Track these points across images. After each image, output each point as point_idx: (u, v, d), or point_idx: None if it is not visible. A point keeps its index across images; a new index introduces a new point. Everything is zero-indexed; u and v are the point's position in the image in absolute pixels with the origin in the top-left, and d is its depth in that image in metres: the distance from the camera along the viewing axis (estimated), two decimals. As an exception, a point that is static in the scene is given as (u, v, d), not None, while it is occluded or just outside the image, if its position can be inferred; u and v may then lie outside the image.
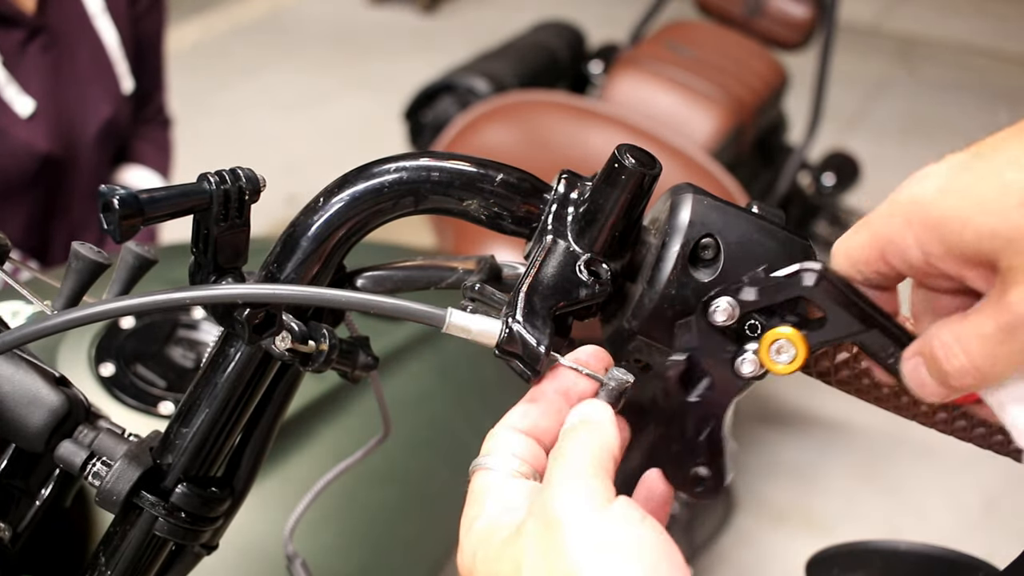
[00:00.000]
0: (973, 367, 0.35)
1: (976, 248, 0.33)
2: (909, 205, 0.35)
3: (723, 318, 0.41)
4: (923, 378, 0.37)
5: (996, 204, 0.32)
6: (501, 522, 0.37)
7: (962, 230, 0.33)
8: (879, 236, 0.37)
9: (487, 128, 1.78)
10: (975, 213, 0.33)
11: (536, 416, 0.41)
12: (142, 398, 0.90)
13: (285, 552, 0.64)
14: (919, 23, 5.13)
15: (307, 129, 3.55)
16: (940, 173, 0.34)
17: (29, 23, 1.41)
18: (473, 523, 0.38)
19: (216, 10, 4.57)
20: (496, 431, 0.41)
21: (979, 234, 0.33)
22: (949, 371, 0.36)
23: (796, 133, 2.41)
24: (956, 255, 0.34)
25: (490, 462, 0.40)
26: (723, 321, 0.41)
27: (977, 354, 0.34)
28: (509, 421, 0.41)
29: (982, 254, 0.33)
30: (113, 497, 0.48)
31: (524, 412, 0.41)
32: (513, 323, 0.41)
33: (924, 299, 0.40)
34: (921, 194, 0.35)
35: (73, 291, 0.50)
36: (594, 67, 2.28)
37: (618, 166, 0.42)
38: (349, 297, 0.42)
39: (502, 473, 0.39)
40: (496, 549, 0.36)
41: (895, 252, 0.36)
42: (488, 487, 0.39)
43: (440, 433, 1.01)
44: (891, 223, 0.36)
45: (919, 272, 0.37)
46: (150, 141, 1.70)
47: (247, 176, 0.44)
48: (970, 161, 0.34)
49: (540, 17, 2.43)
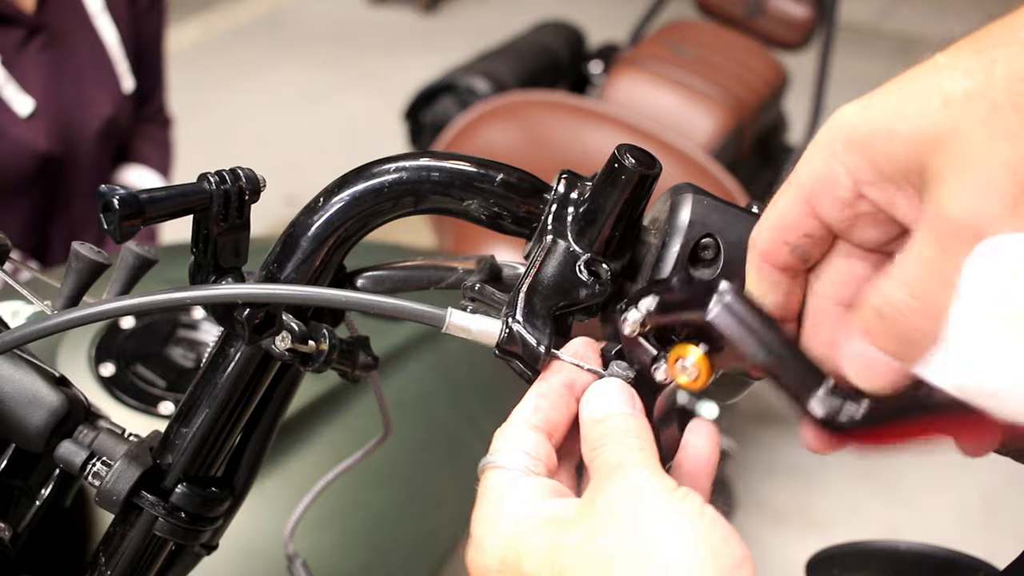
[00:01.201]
0: (927, 303, 0.30)
1: (905, 160, 0.32)
2: (834, 132, 0.34)
3: (629, 330, 0.40)
4: (871, 358, 0.33)
5: (918, 108, 0.31)
6: (531, 514, 0.36)
7: (888, 143, 0.32)
8: (805, 183, 0.35)
9: (487, 128, 1.78)
10: (898, 122, 0.32)
11: (547, 410, 0.40)
12: (142, 398, 0.90)
13: (285, 552, 0.64)
14: (919, 23, 5.13)
15: (307, 129, 3.55)
16: (860, 100, 0.34)
17: (28, 22, 1.41)
18: (495, 524, 0.37)
19: (216, 10, 4.57)
20: (506, 428, 0.40)
21: (905, 142, 0.31)
22: (901, 324, 0.31)
23: (796, 133, 2.41)
24: (887, 175, 0.33)
25: (502, 459, 0.39)
26: (629, 333, 0.40)
27: (926, 284, 0.30)
28: (521, 416, 0.40)
29: (911, 165, 0.31)
30: (113, 497, 0.48)
31: (536, 407, 0.41)
32: (513, 323, 0.41)
33: (832, 281, 0.38)
34: (844, 118, 0.33)
35: (73, 291, 0.50)
36: (594, 67, 2.28)
37: (618, 166, 0.42)
38: (349, 297, 0.42)
39: (515, 471, 0.38)
40: (536, 548, 0.35)
41: (824, 192, 0.35)
42: (505, 484, 0.38)
43: (440, 433, 1.01)
44: (817, 160, 0.35)
45: (847, 217, 0.35)
46: (150, 140, 1.70)
47: (247, 176, 0.44)
48: (887, 84, 0.33)
49: (540, 17, 2.43)
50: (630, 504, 0.34)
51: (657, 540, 0.32)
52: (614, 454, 0.37)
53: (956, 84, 0.30)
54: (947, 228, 0.30)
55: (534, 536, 0.35)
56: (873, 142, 0.32)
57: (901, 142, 0.32)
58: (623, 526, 0.33)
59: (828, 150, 0.34)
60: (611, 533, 0.33)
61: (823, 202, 0.35)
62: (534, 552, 0.35)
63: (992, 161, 0.29)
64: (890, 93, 0.33)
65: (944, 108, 0.30)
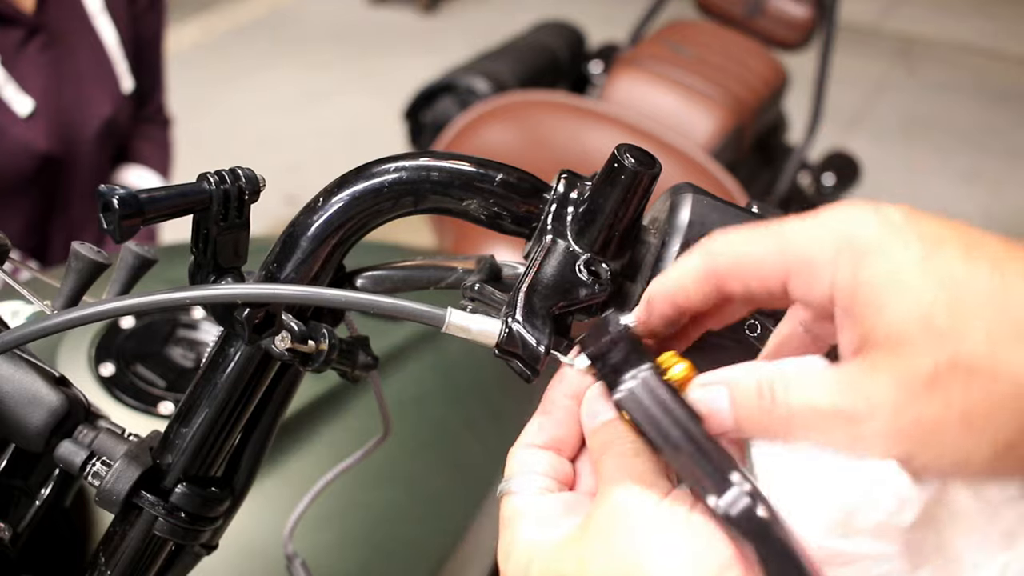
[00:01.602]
0: (815, 411, 0.31)
1: (879, 310, 0.30)
2: (844, 234, 0.32)
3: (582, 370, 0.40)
4: (723, 406, 0.33)
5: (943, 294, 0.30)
6: (542, 538, 0.36)
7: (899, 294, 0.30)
8: (791, 252, 0.33)
9: (487, 128, 1.78)
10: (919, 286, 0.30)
11: (552, 428, 0.40)
12: (142, 398, 0.90)
13: (285, 552, 0.64)
14: (919, 23, 5.13)
15: (307, 129, 3.55)
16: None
17: (28, 22, 1.41)
18: (510, 552, 0.37)
19: (216, 10, 4.57)
20: (515, 452, 0.40)
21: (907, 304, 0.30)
22: (783, 401, 0.32)
23: (796, 133, 2.41)
24: (869, 306, 0.31)
25: (514, 485, 0.39)
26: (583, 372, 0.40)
27: (818, 403, 0.31)
28: (526, 439, 0.40)
29: (879, 318, 0.30)
30: (113, 497, 0.48)
31: (540, 425, 0.40)
32: (513, 323, 0.41)
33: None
34: (863, 232, 0.32)
35: (73, 291, 0.50)
36: (594, 67, 2.28)
37: (618, 166, 0.42)
38: (349, 297, 0.42)
39: (528, 494, 0.38)
40: (547, 561, 0.35)
41: (803, 275, 0.33)
42: (518, 511, 0.38)
43: (440, 433, 1.01)
44: (816, 242, 0.32)
45: (780, 302, 0.34)
46: (150, 140, 1.70)
47: (247, 176, 0.44)
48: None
49: (540, 17, 2.43)
50: (615, 526, 0.33)
51: (641, 562, 0.32)
52: (607, 467, 0.36)
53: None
54: (864, 405, 0.30)
55: (542, 562, 0.35)
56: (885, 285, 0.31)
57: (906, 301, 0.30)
58: (610, 551, 0.33)
59: (833, 246, 0.33)
60: (600, 560, 0.33)
61: (800, 285, 0.34)
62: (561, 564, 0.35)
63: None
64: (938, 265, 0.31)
65: (949, 308, 0.30)
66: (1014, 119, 4.13)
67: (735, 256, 0.34)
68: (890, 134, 3.93)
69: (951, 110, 4.18)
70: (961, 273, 0.30)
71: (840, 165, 2.40)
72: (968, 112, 4.17)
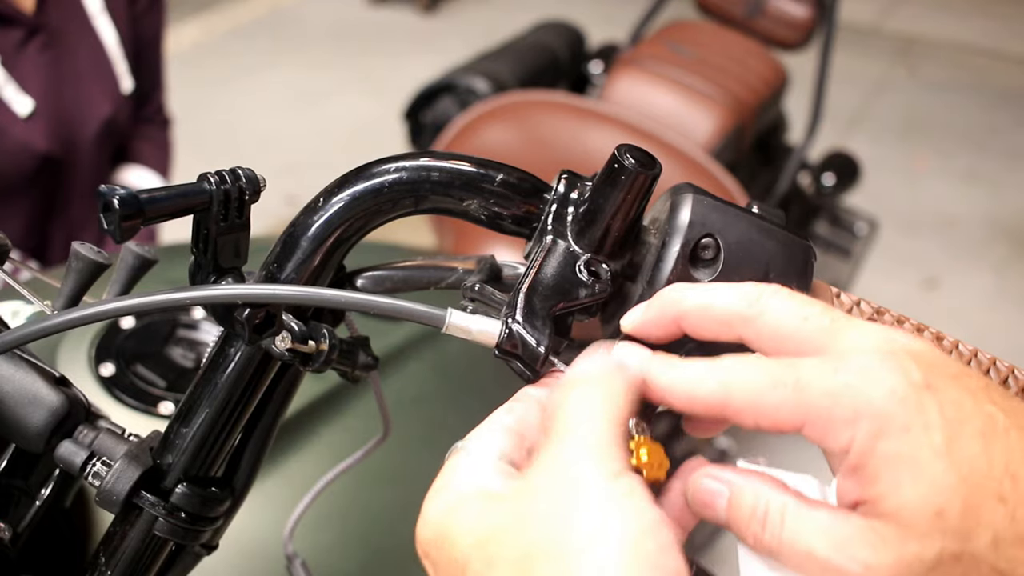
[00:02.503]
0: (803, 546, 0.31)
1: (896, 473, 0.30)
2: (864, 398, 0.32)
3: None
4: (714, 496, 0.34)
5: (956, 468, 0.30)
6: (465, 490, 0.35)
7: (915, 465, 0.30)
8: (809, 407, 0.33)
9: (487, 128, 1.78)
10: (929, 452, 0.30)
11: (521, 411, 0.39)
12: (142, 398, 0.90)
13: (285, 552, 0.64)
14: (919, 23, 5.13)
15: (307, 129, 3.55)
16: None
17: (28, 22, 1.41)
18: (438, 493, 0.36)
19: (216, 10, 4.57)
20: (479, 428, 0.39)
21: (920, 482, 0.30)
22: (774, 534, 0.32)
23: (796, 133, 2.41)
24: (875, 459, 0.31)
25: (470, 446, 0.38)
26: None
27: (812, 543, 0.31)
28: (493, 418, 0.39)
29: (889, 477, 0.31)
30: (113, 497, 0.48)
31: (508, 408, 0.40)
32: (513, 323, 0.41)
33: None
34: (884, 404, 0.31)
35: (73, 291, 0.50)
36: (594, 67, 2.28)
37: (618, 166, 0.42)
38: (349, 297, 0.42)
39: (478, 454, 0.37)
40: (469, 527, 0.34)
41: (819, 428, 0.32)
42: (458, 462, 0.37)
43: (440, 433, 1.01)
44: (835, 399, 0.32)
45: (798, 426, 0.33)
46: (149, 141, 1.70)
47: (247, 176, 0.44)
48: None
49: (540, 17, 2.43)
50: (561, 488, 0.32)
51: (582, 544, 0.30)
52: (562, 419, 0.35)
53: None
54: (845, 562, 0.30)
55: (469, 508, 0.34)
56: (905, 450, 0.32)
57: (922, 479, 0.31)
58: (553, 517, 0.32)
59: (852, 410, 0.33)
60: (539, 523, 0.32)
61: (818, 429, 0.33)
62: (467, 532, 0.34)
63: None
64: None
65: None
66: (1014, 119, 4.13)
67: (751, 401, 0.34)
68: (890, 134, 3.93)
69: (951, 110, 4.18)
70: (980, 464, 0.30)
71: (840, 165, 2.40)
72: (968, 112, 4.17)
